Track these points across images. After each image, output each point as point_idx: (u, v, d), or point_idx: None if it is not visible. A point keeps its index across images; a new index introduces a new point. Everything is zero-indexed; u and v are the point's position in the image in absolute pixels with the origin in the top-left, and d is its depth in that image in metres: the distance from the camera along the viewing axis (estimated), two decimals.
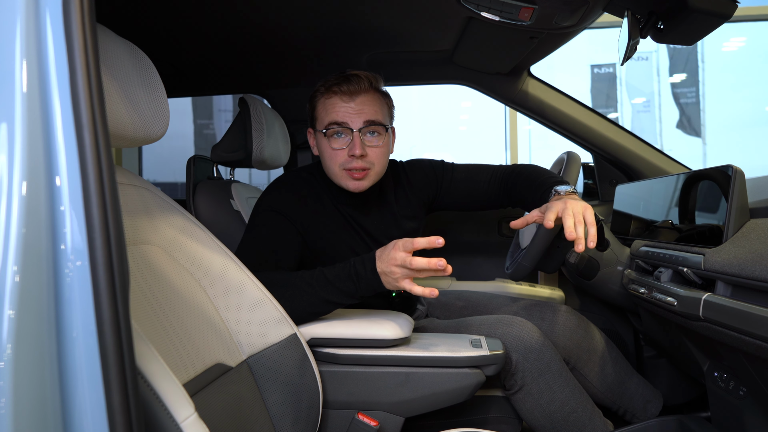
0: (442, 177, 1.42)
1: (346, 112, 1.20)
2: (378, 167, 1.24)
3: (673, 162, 1.77)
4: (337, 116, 1.20)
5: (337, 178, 1.23)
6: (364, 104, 1.20)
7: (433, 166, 1.43)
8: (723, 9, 1.05)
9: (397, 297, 1.34)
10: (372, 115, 1.20)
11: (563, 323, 1.38)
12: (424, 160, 1.45)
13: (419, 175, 1.41)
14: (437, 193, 1.42)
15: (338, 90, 1.20)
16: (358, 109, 1.20)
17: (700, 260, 0.98)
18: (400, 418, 1.07)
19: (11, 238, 0.45)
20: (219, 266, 0.94)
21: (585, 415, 1.23)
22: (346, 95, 1.20)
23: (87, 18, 0.48)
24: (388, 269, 1.00)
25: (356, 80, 1.20)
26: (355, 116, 1.20)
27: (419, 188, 1.40)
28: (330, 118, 1.20)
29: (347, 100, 1.20)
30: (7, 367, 0.43)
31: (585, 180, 2.02)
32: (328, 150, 1.22)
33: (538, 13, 1.21)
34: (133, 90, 0.74)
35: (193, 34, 1.47)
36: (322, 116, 1.23)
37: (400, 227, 1.36)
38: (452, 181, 1.41)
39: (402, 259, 0.98)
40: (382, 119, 1.23)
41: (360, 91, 1.20)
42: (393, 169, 1.41)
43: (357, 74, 1.21)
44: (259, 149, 1.55)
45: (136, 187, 0.85)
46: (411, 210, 1.39)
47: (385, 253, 1.01)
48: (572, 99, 1.77)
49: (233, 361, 0.87)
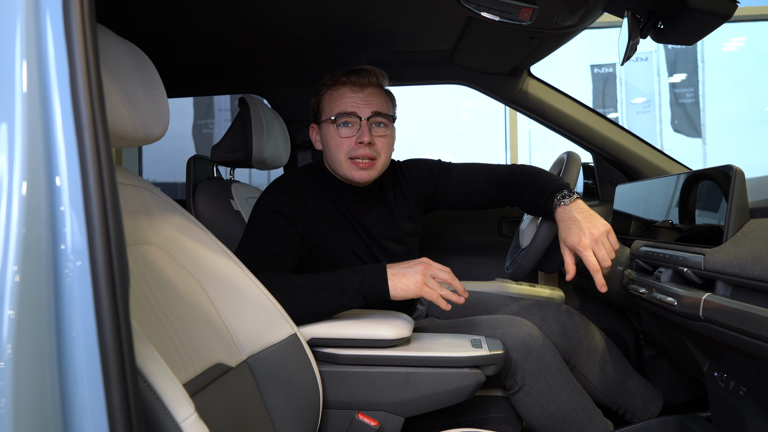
0: (439, 176, 1.42)
1: (354, 102, 1.23)
2: (383, 158, 1.26)
3: (673, 162, 1.77)
4: (346, 106, 1.22)
5: (343, 169, 1.25)
6: (373, 96, 1.24)
7: (429, 165, 1.44)
8: (723, 9, 1.05)
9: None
10: (380, 107, 1.24)
11: (564, 323, 1.38)
12: (421, 160, 1.46)
13: (416, 174, 1.42)
14: (434, 192, 1.43)
15: (347, 81, 1.23)
16: (367, 100, 1.23)
17: (700, 260, 0.98)
18: (400, 418, 1.07)
19: (11, 238, 0.45)
20: (219, 266, 0.94)
21: (585, 414, 1.23)
22: (356, 86, 1.23)
23: (87, 18, 0.48)
24: (416, 270, 1.05)
25: (365, 73, 1.24)
26: (364, 106, 1.23)
27: (416, 187, 1.41)
28: (339, 108, 1.23)
29: (356, 91, 1.23)
30: (7, 367, 0.43)
31: (585, 180, 2.02)
32: (335, 138, 1.24)
33: (538, 13, 1.21)
34: (133, 90, 0.74)
35: (193, 34, 1.47)
36: (329, 107, 1.25)
37: (399, 228, 1.37)
38: (449, 180, 1.42)
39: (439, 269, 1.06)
40: (388, 111, 1.26)
41: (369, 84, 1.24)
42: (391, 169, 1.42)
43: (366, 68, 1.25)
44: (259, 149, 1.55)
45: (136, 187, 0.85)
46: (409, 210, 1.39)
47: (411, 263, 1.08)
48: (572, 99, 1.77)
49: (233, 361, 0.87)
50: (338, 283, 1.06)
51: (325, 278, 1.07)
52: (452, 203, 1.45)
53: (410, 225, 1.39)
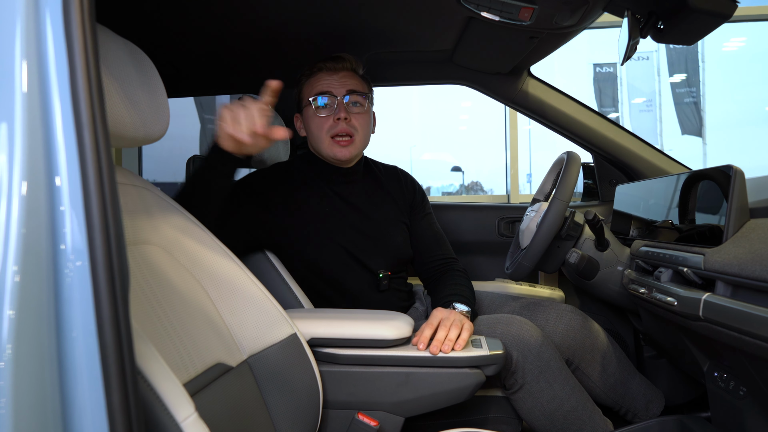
0: (420, 205, 1.49)
1: (330, 83, 1.32)
2: (361, 134, 1.34)
3: (673, 162, 1.77)
4: (322, 87, 1.32)
5: (325, 147, 1.33)
6: (347, 78, 1.33)
7: (423, 193, 1.53)
8: (723, 9, 1.05)
9: (384, 278, 1.36)
10: (355, 86, 1.33)
11: (566, 323, 1.38)
12: (417, 183, 1.55)
13: (410, 187, 1.50)
14: (411, 205, 1.49)
15: (323, 66, 1.34)
16: (342, 81, 1.32)
17: (700, 260, 0.98)
18: (400, 418, 1.07)
19: (11, 238, 0.45)
20: (219, 266, 0.94)
21: (585, 413, 1.23)
22: (331, 70, 1.33)
23: (87, 18, 0.48)
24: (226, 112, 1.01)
25: (340, 59, 1.34)
26: (339, 87, 1.32)
27: (408, 192, 1.49)
28: (316, 90, 1.32)
29: (331, 74, 1.33)
30: (7, 367, 0.43)
31: (585, 180, 2.02)
32: (315, 119, 1.33)
33: (538, 13, 1.21)
34: (133, 90, 0.74)
35: (193, 34, 1.47)
36: (307, 91, 1.35)
37: (388, 209, 1.42)
38: (418, 213, 1.48)
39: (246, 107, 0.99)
40: (363, 90, 1.35)
41: (344, 69, 1.34)
42: (384, 166, 1.51)
43: (341, 55, 1.35)
44: None
45: (136, 187, 0.85)
46: (398, 205, 1.45)
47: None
48: (572, 99, 1.77)
49: (233, 361, 0.87)
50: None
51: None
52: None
53: (399, 215, 1.44)
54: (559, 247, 1.50)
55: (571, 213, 1.49)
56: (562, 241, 1.49)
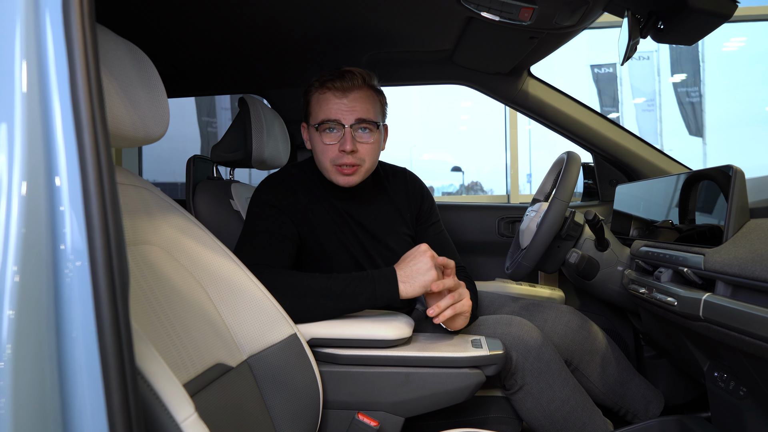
0: (427, 214, 1.44)
1: (338, 109, 1.22)
2: (368, 164, 1.26)
3: (673, 162, 1.77)
4: (330, 113, 1.22)
5: (328, 173, 1.27)
6: (357, 101, 1.22)
7: (429, 197, 1.47)
8: (723, 9, 1.05)
9: None
10: (364, 113, 1.23)
11: (566, 324, 1.38)
12: (428, 190, 1.50)
13: (418, 193, 1.44)
14: (417, 215, 1.45)
15: (332, 86, 1.22)
16: (351, 106, 1.22)
17: (700, 260, 0.98)
18: (400, 418, 1.07)
19: (11, 238, 0.45)
20: (219, 266, 0.94)
21: (585, 414, 1.23)
22: (339, 91, 1.22)
23: (87, 18, 0.48)
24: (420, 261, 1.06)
25: (350, 77, 1.22)
26: (348, 113, 1.22)
27: (416, 199, 1.43)
28: (323, 115, 1.23)
29: (340, 96, 1.22)
30: (7, 367, 0.43)
31: (585, 180, 2.02)
32: (320, 145, 1.25)
33: (538, 13, 1.21)
34: (133, 90, 0.74)
35: (193, 34, 1.47)
36: (315, 111, 1.26)
37: (394, 227, 1.37)
38: (425, 223, 1.44)
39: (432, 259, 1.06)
40: (373, 117, 1.25)
41: (353, 88, 1.22)
42: (393, 170, 1.44)
43: (351, 71, 1.23)
44: (259, 149, 1.55)
45: (136, 187, 0.85)
46: (404, 214, 1.40)
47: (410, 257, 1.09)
48: (572, 99, 1.77)
49: (234, 361, 0.87)
50: (350, 289, 1.06)
51: (336, 283, 1.07)
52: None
53: (405, 229, 1.40)
54: (559, 247, 1.50)
55: (571, 213, 1.49)
56: (562, 241, 1.49)
